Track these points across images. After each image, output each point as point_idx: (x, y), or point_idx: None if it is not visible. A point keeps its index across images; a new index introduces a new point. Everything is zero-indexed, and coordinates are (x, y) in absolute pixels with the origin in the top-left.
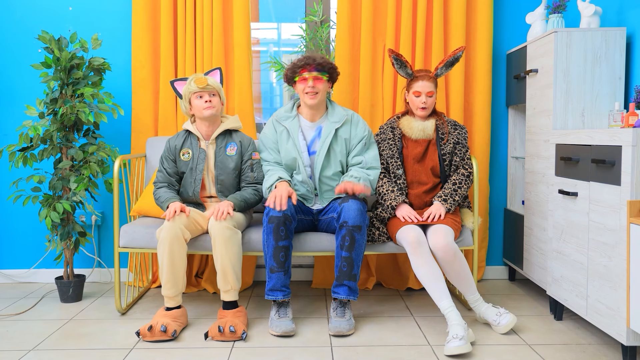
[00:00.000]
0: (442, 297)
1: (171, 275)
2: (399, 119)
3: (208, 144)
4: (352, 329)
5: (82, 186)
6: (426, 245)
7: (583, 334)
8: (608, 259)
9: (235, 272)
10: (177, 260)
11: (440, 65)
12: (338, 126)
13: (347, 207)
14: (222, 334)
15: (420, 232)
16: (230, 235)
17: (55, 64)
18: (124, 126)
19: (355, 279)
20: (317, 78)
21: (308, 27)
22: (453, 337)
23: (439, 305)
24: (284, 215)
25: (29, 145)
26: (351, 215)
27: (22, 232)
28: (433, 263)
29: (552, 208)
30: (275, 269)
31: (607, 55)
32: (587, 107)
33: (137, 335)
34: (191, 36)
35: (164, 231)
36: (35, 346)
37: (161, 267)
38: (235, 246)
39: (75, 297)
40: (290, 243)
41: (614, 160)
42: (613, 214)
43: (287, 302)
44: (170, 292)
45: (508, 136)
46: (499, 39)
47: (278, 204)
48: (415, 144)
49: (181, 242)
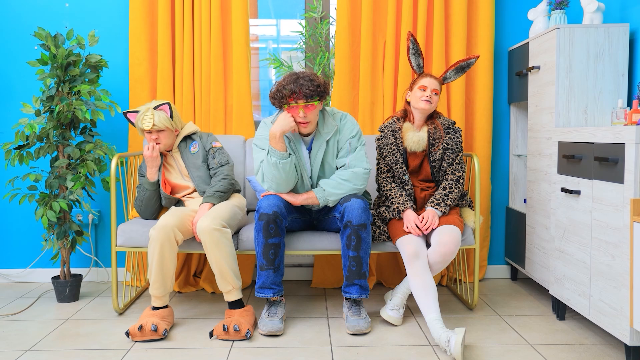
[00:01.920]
0: (431, 309)
1: (160, 275)
2: (399, 121)
3: (173, 154)
4: (370, 326)
5: (79, 184)
6: (424, 258)
7: (586, 334)
8: (611, 258)
9: (232, 271)
10: (167, 261)
11: (450, 68)
12: (328, 138)
13: (350, 206)
14: (226, 332)
15: (420, 245)
16: (219, 236)
17: (52, 61)
18: (121, 124)
19: (365, 277)
20: (308, 106)
21: (307, 24)
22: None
23: (426, 317)
24: (274, 213)
25: (25, 143)
26: (355, 214)
27: (18, 231)
28: (427, 276)
29: (555, 206)
30: (264, 266)
31: (610, 51)
32: (590, 105)
33: (127, 335)
34: (189, 33)
35: (155, 231)
36: (32, 347)
37: (150, 266)
38: (227, 245)
39: (72, 297)
40: (281, 241)
41: (617, 158)
42: (616, 213)
43: (279, 301)
44: (158, 292)
45: (510, 134)
46: (501, 35)
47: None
48: (413, 156)
49: (172, 244)
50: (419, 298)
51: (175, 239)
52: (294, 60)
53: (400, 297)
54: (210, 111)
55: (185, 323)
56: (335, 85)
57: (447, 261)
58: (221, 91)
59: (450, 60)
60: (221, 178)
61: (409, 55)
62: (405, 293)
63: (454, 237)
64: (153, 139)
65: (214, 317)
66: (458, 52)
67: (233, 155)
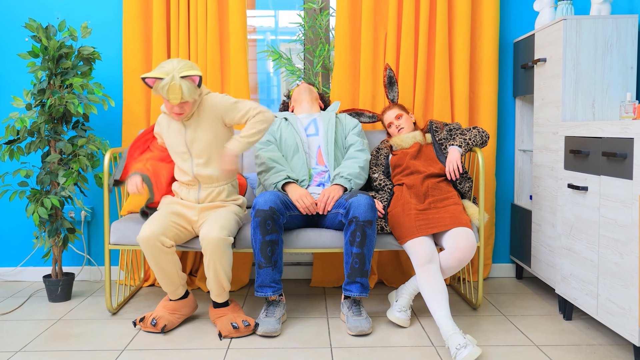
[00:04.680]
0: (442, 307)
1: (163, 277)
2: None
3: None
4: (371, 327)
5: (71, 180)
6: (437, 262)
7: (593, 335)
8: (619, 256)
9: (227, 276)
10: (165, 264)
11: (386, 93)
12: (336, 111)
13: (357, 202)
14: (237, 330)
15: (432, 247)
16: (225, 248)
17: (43, 53)
18: (114, 118)
19: (366, 275)
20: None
21: (307, 15)
22: (457, 347)
23: (436, 314)
24: (271, 209)
25: (16, 138)
26: (361, 210)
27: (9, 229)
28: (440, 279)
29: (561, 203)
30: (262, 264)
31: (619, 43)
32: (598, 98)
33: (134, 324)
34: (184, 24)
35: (141, 242)
36: (23, 347)
37: (153, 271)
38: (229, 255)
39: (64, 296)
40: (278, 237)
41: (626, 154)
42: (625, 209)
43: (277, 300)
44: (167, 289)
45: (515, 128)
46: (506, 27)
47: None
48: (407, 150)
49: (162, 250)
50: (429, 299)
51: (164, 245)
52: (293, 53)
53: (406, 297)
54: None
55: (181, 323)
56: (335, 78)
57: (462, 266)
58: (218, 84)
59: (453, 54)
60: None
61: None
62: (411, 294)
63: (470, 241)
64: (175, 111)
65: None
66: (462, 44)
67: None
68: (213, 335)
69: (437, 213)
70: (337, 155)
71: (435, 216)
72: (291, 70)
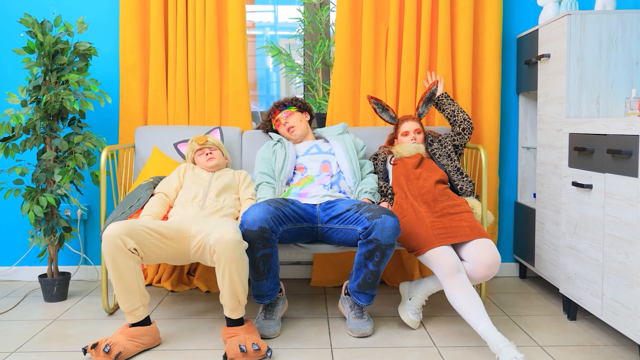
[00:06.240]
0: (482, 319)
1: (122, 288)
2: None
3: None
4: (372, 327)
5: (67, 178)
6: (464, 271)
7: (598, 335)
8: (625, 255)
9: (244, 288)
10: (124, 268)
11: (419, 105)
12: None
13: (382, 224)
14: (245, 354)
15: (456, 257)
16: (242, 252)
17: (39, 48)
18: (111, 115)
19: (376, 287)
20: (288, 112)
21: (307, 10)
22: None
23: (478, 329)
24: (260, 229)
25: (11, 135)
26: (386, 234)
27: (4, 228)
28: (471, 288)
29: (566, 201)
30: (257, 277)
31: (624, 39)
32: (602, 94)
33: (84, 352)
34: (182, 20)
35: (103, 242)
36: (18, 348)
37: (111, 279)
38: (246, 262)
39: (59, 296)
40: (272, 251)
41: (631, 151)
42: (630, 208)
43: (275, 302)
44: (124, 306)
45: (519, 125)
46: (509, 22)
47: None
48: (408, 159)
49: (125, 252)
50: (467, 311)
51: (125, 245)
52: (293, 48)
53: (420, 298)
54: (205, 101)
55: (178, 323)
56: (335, 74)
57: (483, 281)
58: (216, 80)
59: (456, 49)
60: None
61: (378, 114)
62: (425, 294)
63: (495, 256)
64: (207, 154)
65: (208, 316)
66: (464, 40)
67: (229, 148)
68: (211, 335)
69: (452, 221)
70: (355, 169)
71: (452, 224)
72: (291, 66)
